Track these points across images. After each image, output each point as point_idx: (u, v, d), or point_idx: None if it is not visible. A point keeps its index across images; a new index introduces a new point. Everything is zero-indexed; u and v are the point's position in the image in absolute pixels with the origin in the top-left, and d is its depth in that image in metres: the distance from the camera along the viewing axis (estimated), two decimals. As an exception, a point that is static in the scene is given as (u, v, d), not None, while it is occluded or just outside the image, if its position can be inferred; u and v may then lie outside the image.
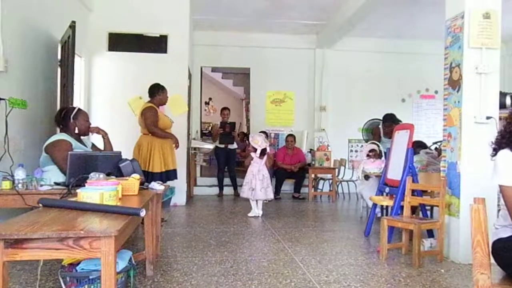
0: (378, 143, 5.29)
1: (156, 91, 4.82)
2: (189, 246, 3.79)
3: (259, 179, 5.33)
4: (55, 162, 3.25)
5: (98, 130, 3.75)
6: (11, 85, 3.64)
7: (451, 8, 3.63)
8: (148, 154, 4.66)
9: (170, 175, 4.82)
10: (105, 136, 3.77)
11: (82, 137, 3.57)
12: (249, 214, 5.35)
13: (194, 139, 7.60)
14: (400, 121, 5.39)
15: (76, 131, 3.48)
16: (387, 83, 8.25)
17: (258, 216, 5.31)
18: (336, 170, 7.40)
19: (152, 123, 4.64)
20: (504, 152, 1.80)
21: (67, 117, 3.46)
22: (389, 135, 5.35)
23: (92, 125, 3.69)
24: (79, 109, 3.58)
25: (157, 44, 6.11)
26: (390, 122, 5.46)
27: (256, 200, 5.39)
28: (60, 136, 3.40)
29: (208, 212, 5.76)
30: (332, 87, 8.19)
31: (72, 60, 4.36)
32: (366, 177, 4.95)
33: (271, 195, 5.47)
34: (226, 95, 12.02)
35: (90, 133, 3.77)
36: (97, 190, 2.12)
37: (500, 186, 1.75)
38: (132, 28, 6.07)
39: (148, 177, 4.30)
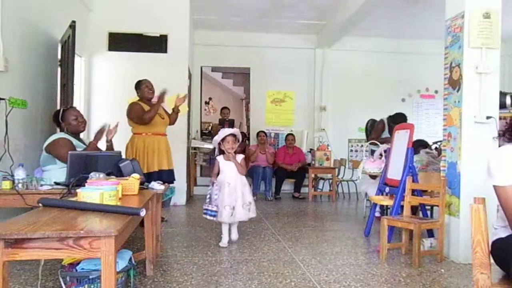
0: (377, 142, 5.28)
1: (136, 87, 4.62)
2: (189, 246, 3.79)
3: None
4: (60, 159, 3.26)
5: (112, 132, 3.79)
6: (11, 85, 3.64)
7: (451, 8, 3.62)
8: (131, 156, 4.42)
9: (161, 176, 4.38)
10: (108, 142, 3.78)
11: (82, 137, 3.58)
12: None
13: (194, 139, 7.59)
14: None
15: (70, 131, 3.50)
16: (387, 83, 8.24)
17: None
18: (336, 170, 7.40)
19: (136, 117, 4.47)
20: (495, 153, 1.80)
21: (58, 120, 3.52)
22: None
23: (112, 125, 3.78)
24: (64, 110, 3.55)
25: (157, 44, 6.10)
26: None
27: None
28: (59, 135, 3.45)
29: (208, 212, 5.75)
30: (332, 87, 8.18)
31: (72, 60, 4.37)
32: (373, 176, 4.93)
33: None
34: (226, 95, 11.99)
35: (106, 126, 3.74)
36: (97, 190, 2.12)
37: (494, 187, 1.75)
38: (132, 28, 6.06)
39: None
